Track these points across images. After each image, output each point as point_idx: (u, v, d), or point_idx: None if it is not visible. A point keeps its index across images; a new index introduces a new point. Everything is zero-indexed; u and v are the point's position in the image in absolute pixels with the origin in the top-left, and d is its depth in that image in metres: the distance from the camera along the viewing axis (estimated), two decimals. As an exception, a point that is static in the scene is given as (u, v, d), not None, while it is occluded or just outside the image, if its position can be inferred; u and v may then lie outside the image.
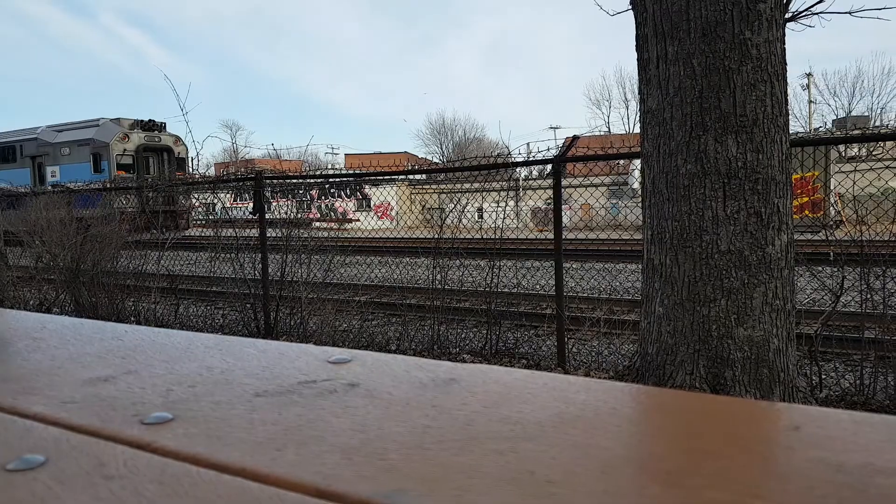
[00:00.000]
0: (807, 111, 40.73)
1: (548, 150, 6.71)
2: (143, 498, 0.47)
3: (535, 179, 22.31)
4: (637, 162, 5.26)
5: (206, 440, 0.56)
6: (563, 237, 6.04)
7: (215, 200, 10.21)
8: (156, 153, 26.44)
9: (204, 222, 11.08)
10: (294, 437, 0.56)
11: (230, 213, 8.72)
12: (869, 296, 4.86)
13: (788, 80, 3.85)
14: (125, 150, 24.84)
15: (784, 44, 3.75)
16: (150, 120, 26.07)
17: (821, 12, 4.75)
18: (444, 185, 21.13)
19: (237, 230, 7.93)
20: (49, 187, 20.69)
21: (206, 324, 8.30)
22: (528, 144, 11.25)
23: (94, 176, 22.53)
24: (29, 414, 0.65)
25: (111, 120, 25.71)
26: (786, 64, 3.77)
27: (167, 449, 0.55)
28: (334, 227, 19.72)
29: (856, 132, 12.44)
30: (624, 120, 60.35)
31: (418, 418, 0.58)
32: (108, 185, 11.15)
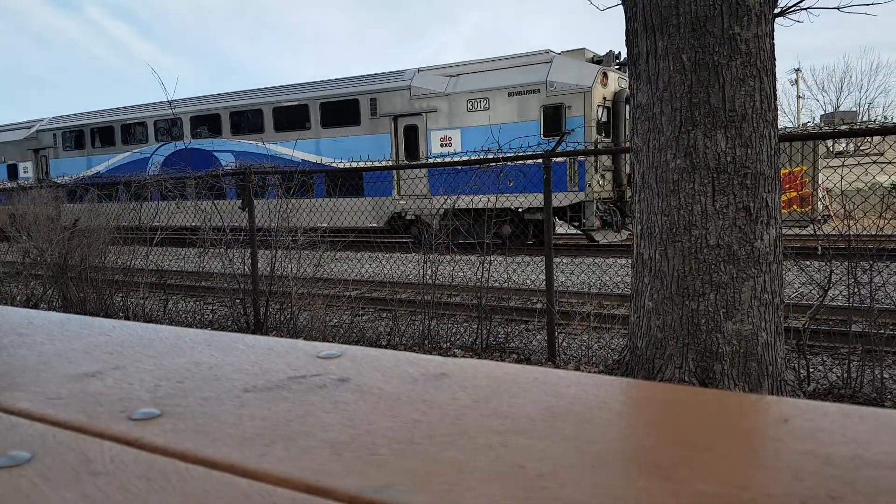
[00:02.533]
0: (795, 106, 40.92)
1: (538, 144, 6.71)
2: (131, 494, 0.46)
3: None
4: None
5: (195, 436, 0.56)
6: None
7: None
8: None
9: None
10: (283, 432, 0.55)
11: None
12: (856, 290, 4.90)
13: (777, 75, 3.86)
14: (604, 99, 15.24)
15: (773, 39, 3.77)
16: (618, 53, 16.14)
17: (809, 7, 4.77)
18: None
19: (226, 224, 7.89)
20: (430, 159, 15.55)
21: (195, 319, 8.27)
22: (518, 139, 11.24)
23: (544, 142, 12.68)
24: (14, 410, 0.64)
25: (564, 53, 16.10)
26: (775, 59, 3.78)
27: (155, 445, 0.54)
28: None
29: (844, 127, 12.51)
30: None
31: (408, 413, 0.58)
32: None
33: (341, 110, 18.16)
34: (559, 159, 12.43)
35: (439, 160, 15.45)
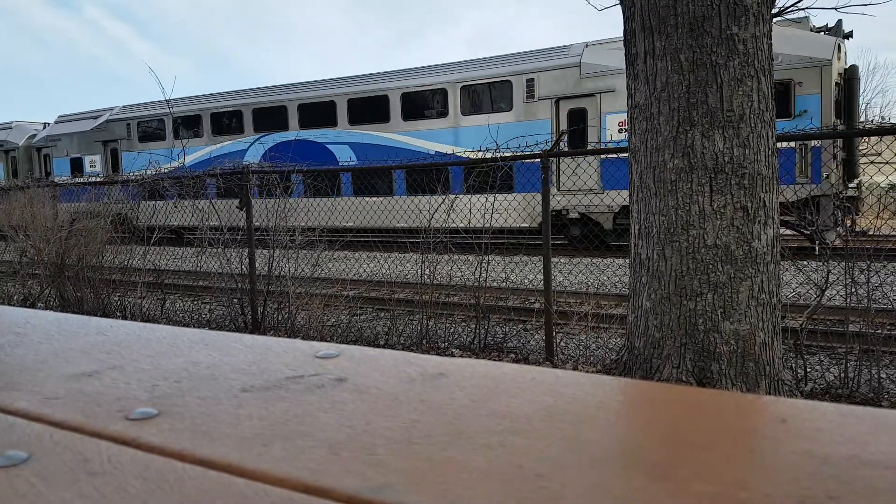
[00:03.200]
0: (793, 106, 40.88)
1: (536, 144, 6.72)
2: (128, 494, 0.46)
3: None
4: None
5: (192, 436, 0.55)
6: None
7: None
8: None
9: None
10: (281, 432, 0.55)
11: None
12: (853, 290, 4.91)
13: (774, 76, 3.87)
14: (839, 75, 13.11)
15: (770, 39, 3.77)
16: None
17: (806, 8, 4.77)
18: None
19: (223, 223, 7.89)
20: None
21: (192, 319, 8.26)
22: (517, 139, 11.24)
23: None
24: (11, 410, 0.64)
25: (783, 22, 12.46)
26: (772, 59, 3.79)
27: (152, 445, 0.54)
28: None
29: (841, 128, 12.48)
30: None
31: (406, 413, 0.58)
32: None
33: (488, 94, 15.92)
34: (785, 144, 9.71)
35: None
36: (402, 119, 17.10)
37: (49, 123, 24.55)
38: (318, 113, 18.08)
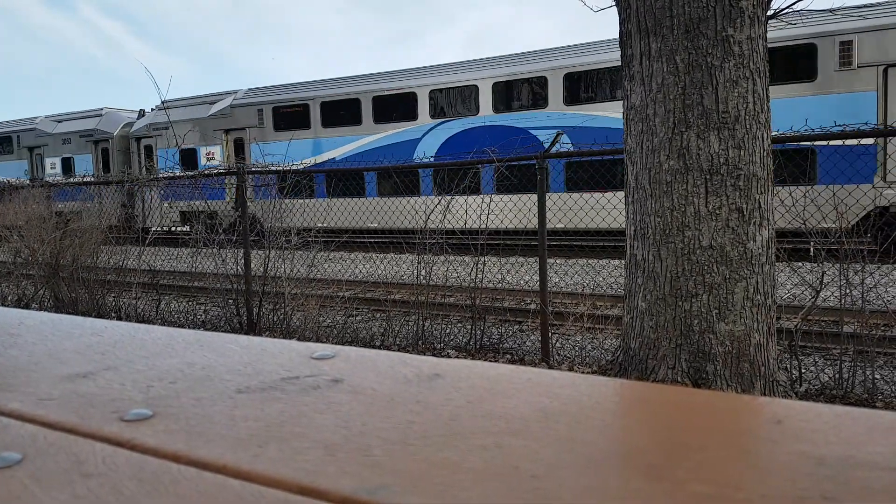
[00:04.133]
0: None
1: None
2: (122, 496, 0.46)
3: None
4: None
5: (187, 437, 0.55)
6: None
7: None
8: None
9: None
10: (276, 433, 0.55)
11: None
12: (848, 291, 4.93)
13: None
14: None
15: (766, 41, 3.78)
16: None
17: (802, 10, 4.79)
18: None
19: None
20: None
21: (187, 319, 8.24)
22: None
23: None
24: (5, 411, 0.64)
25: None
26: (767, 61, 3.80)
27: (147, 446, 0.54)
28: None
29: (836, 129, 12.45)
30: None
31: (402, 414, 0.58)
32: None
33: (785, 61, 12.60)
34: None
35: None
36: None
37: (145, 111, 21.89)
38: (521, 92, 14.97)
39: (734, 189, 3.70)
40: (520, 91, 15.09)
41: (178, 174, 9.25)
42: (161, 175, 9.27)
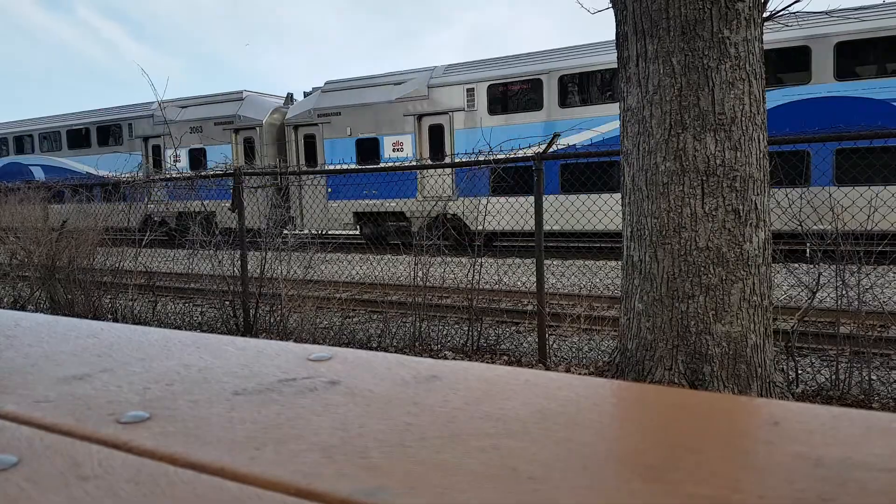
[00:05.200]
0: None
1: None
2: (119, 498, 0.46)
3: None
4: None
5: (184, 439, 0.55)
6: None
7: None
8: None
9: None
10: (273, 435, 0.55)
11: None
12: (844, 292, 4.94)
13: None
14: None
15: (762, 43, 3.79)
16: None
17: (798, 11, 4.80)
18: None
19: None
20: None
21: (184, 321, 8.22)
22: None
23: None
24: (1, 413, 0.64)
25: None
26: (763, 62, 3.81)
27: (144, 448, 0.54)
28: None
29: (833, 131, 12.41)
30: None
31: (400, 416, 0.58)
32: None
33: None
34: None
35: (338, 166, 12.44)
36: None
37: (293, 94, 19.31)
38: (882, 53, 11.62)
39: (730, 190, 3.71)
40: (879, 52, 11.62)
41: (346, 167, 7.65)
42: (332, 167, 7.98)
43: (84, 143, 21.69)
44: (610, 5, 4.10)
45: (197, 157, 18.95)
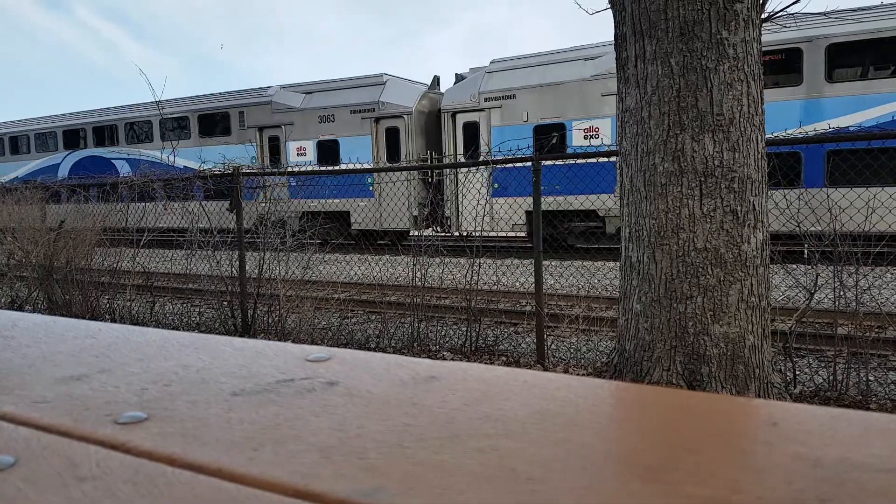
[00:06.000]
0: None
1: (528, 147, 6.72)
2: (117, 499, 0.46)
3: None
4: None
5: (182, 440, 0.55)
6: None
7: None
8: None
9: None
10: (271, 436, 0.55)
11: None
12: (842, 293, 4.94)
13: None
14: None
15: (760, 44, 3.80)
16: None
17: (796, 13, 4.81)
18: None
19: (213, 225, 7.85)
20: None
21: (182, 322, 8.22)
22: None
23: None
24: None
25: None
26: (762, 63, 3.81)
27: (141, 449, 0.54)
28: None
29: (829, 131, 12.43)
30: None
31: (398, 416, 0.58)
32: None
33: None
34: None
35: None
36: None
37: (439, 78, 16.87)
38: None
39: (729, 191, 3.71)
40: None
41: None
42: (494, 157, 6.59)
43: (183, 133, 19.20)
44: (609, 6, 4.11)
45: (328, 150, 16.70)
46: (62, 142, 21.80)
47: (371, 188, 13.07)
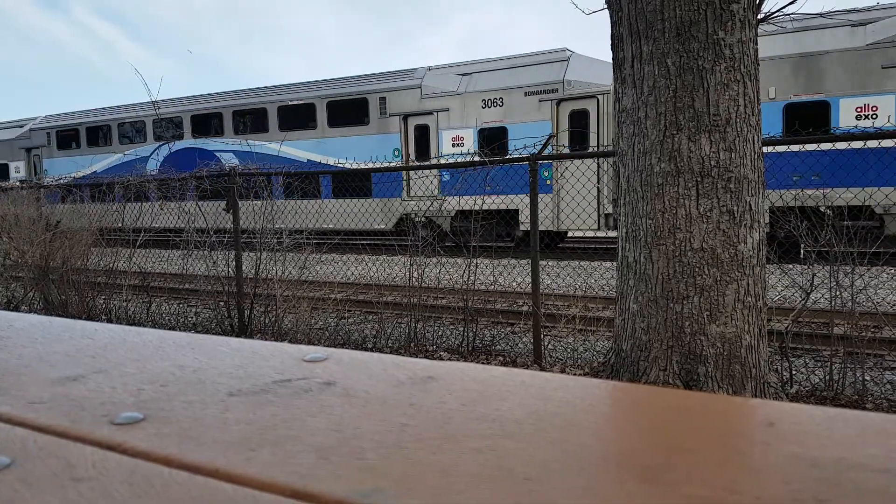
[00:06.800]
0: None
1: (524, 147, 6.73)
2: (114, 500, 0.46)
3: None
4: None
5: (179, 440, 0.55)
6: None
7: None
8: None
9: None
10: (269, 436, 0.55)
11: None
12: (838, 293, 4.95)
13: (760, 80, 3.90)
14: None
15: (756, 44, 3.81)
16: None
17: (793, 13, 4.82)
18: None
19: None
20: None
21: (178, 322, 8.20)
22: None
23: None
24: None
25: None
26: (758, 64, 3.82)
27: (138, 450, 0.54)
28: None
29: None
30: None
31: (395, 417, 0.58)
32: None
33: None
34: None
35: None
36: None
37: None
38: None
39: (725, 191, 3.72)
40: None
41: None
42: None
43: (306, 122, 16.89)
44: (605, 6, 4.11)
45: (493, 139, 13.80)
46: (152, 132, 19.37)
47: (548, 182, 11.09)
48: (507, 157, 6.78)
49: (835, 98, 11.44)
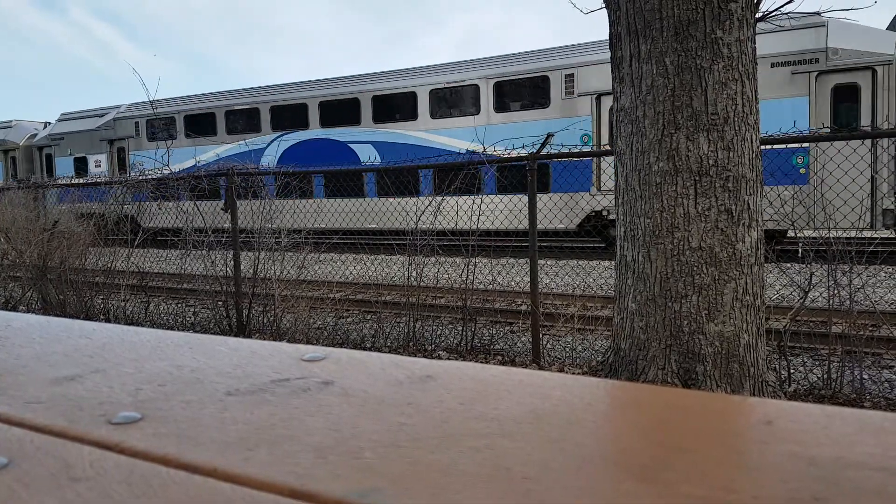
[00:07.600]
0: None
1: (522, 147, 6.73)
2: (112, 500, 0.45)
3: None
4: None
5: (176, 440, 0.55)
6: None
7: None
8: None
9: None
10: (267, 436, 0.55)
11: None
12: (836, 291, 4.96)
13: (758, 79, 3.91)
14: None
15: (754, 43, 3.81)
16: None
17: (790, 12, 4.82)
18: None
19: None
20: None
21: (176, 322, 8.19)
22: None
23: None
24: None
25: None
26: (756, 63, 3.82)
27: (136, 449, 0.53)
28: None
29: (825, 131, 12.38)
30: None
31: (394, 416, 0.58)
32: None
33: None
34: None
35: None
36: None
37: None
38: None
39: (723, 190, 3.72)
40: None
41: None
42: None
43: (467, 108, 14.86)
44: (603, 5, 4.11)
45: None
46: (269, 121, 17.13)
47: (802, 171, 8.97)
48: (508, 157, 6.77)
49: None
